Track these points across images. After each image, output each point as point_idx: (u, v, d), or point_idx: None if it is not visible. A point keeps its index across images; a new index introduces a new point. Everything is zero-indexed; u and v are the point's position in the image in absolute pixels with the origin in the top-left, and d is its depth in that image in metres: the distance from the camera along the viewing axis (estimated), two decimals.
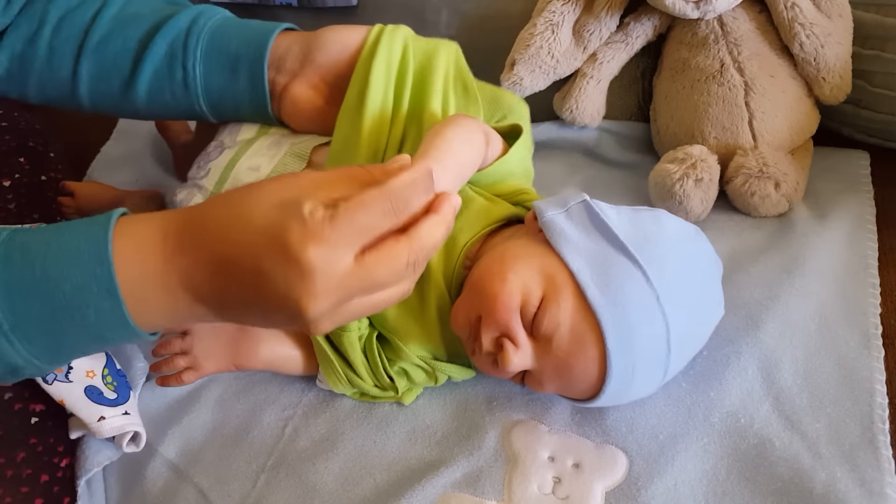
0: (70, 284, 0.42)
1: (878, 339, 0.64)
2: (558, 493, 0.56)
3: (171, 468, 0.61)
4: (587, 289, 0.54)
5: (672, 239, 0.58)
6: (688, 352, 0.59)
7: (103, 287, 0.42)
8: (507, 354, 0.55)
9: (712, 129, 0.79)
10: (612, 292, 0.54)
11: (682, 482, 0.56)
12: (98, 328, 0.43)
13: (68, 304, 0.42)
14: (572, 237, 0.57)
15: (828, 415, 0.59)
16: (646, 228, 0.58)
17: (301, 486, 0.58)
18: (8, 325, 0.41)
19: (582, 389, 0.57)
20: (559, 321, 0.54)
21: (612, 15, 0.83)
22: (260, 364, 0.64)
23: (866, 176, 0.81)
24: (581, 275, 0.54)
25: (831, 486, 0.54)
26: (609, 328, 0.53)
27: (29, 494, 0.55)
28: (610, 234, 0.56)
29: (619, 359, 0.53)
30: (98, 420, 0.57)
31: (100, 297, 0.42)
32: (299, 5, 0.94)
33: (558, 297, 0.54)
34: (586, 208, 0.58)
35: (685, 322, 0.55)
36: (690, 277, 0.58)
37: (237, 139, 0.72)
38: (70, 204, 0.82)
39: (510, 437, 0.59)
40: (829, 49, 0.77)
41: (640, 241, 0.56)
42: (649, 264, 0.54)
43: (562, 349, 0.55)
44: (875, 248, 0.72)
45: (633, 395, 0.58)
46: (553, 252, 0.56)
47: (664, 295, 0.54)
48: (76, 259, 0.42)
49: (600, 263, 0.55)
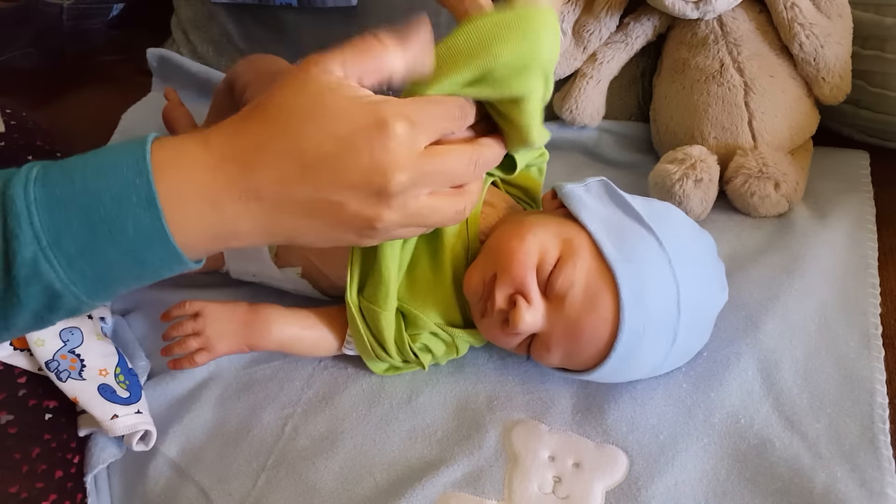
0: (109, 195, 0.40)
1: (878, 339, 0.64)
2: (558, 493, 0.56)
3: (173, 467, 0.61)
4: (603, 245, 0.56)
5: (682, 221, 0.62)
6: (694, 329, 0.59)
7: (142, 197, 0.40)
8: (519, 311, 0.55)
9: (712, 130, 0.79)
10: (627, 250, 0.56)
11: (682, 482, 0.56)
12: (137, 244, 0.41)
13: (107, 216, 0.40)
14: (590, 204, 0.59)
15: (828, 415, 0.59)
16: (658, 209, 0.61)
17: (301, 484, 0.58)
18: (47, 241, 0.39)
19: (589, 355, 0.57)
20: (574, 279, 0.55)
21: (612, 15, 0.83)
22: (272, 345, 0.64)
23: (866, 176, 0.81)
24: (598, 234, 0.56)
25: (831, 487, 0.54)
26: (623, 282, 0.54)
27: (44, 490, 0.56)
28: (626, 206, 0.59)
29: (631, 315, 0.54)
30: (111, 418, 0.58)
31: (139, 208, 0.40)
32: (299, 6, 0.94)
33: (575, 257, 0.56)
34: (604, 185, 0.62)
35: (695, 289, 0.57)
36: (699, 255, 0.60)
37: None
38: None
39: (510, 436, 0.59)
40: (829, 49, 0.77)
41: (654, 215, 0.59)
42: (662, 233, 0.57)
43: (575, 308, 0.55)
44: (875, 248, 0.72)
45: (637, 367, 0.58)
46: (571, 222, 0.59)
47: (675, 260, 0.56)
48: (115, 171, 0.40)
49: (616, 227, 0.57)
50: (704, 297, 0.59)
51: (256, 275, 0.72)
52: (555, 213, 0.61)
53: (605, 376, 0.58)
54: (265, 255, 0.69)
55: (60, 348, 0.61)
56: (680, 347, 0.58)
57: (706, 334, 0.61)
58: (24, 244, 0.39)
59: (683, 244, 0.58)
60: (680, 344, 0.57)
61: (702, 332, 0.61)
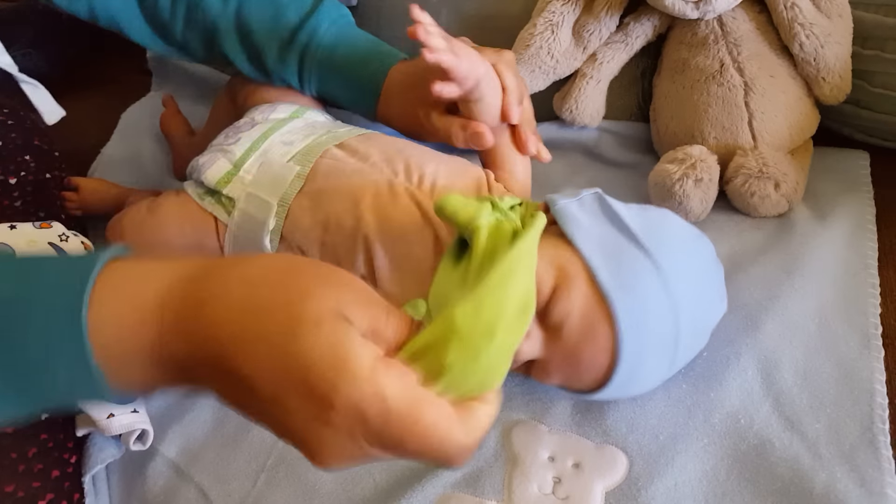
0: (38, 350, 0.35)
1: (878, 339, 0.64)
2: (558, 494, 0.56)
3: (172, 467, 0.61)
4: (598, 272, 0.54)
5: (678, 233, 0.60)
6: (693, 344, 0.59)
7: (77, 358, 0.35)
8: None
9: (712, 130, 0.79)
10: (623, 277, 0.54)
11: (682, 482, 0.56)
12: (68, 393, 0.37)
13: (35, 364, 0.35)
14: (584, 223, 0.57)
15: (828, 415, 0.59)
16: (653, 222, 0.59)
17: (301, 485, 0.58)
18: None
19: (589, 380, 0.57)
20: (570, 309, 0.54)
21: (612, 15, 0.83)
22: None
23: (866, 176, 0.81)
24: (593, 259, 0.55)
25: (831, 487, 0.54)
26: (621, 312, 0.53)
27: (40, 489, 0.56)
28: (621, 223, 0.57)
29: (629, 343, 0.54)
30: (107, 417, 0.58)
31: (72, 367, 0.35)
32: None
33: (570, 286, 0.54)
34: (598, 199, 0.60)
35: (692, 310, 0.56)
36: (696, 269, 0.58)
37: (270, 117, 0.75)
38: (74, 199, 0.82)
39: (510, 436, 0.59)
40: (829, 49, 0.77)
41: (649, 232, 0.57)
42: (658, 253, 0.55)
43: (572, 338, 0.55)
44: (875, 248, 0.72)
45: (638, 387, 0.58)
46: (564, 244, 0.57)
47: (673, 282, 0.55)
48: (49, 318, 0.35)
49: (611, 250, 0.56)
50: (703, 313, 0.59)
51: None
52: (548, 230, 0.59)
53: (606, 398, 0.58)
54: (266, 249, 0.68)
55: None
56: (679, 363, 0.58)
57: (704, 341, 0.61)
58: None
59: (680, 260, 0.57)
60: (679, 361, 0.58)
61: (700, 343, 0.60)
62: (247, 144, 0.70)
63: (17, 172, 0.76)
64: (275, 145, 0.70)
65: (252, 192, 0.68)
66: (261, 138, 0.71)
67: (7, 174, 0.75)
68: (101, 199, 0.83)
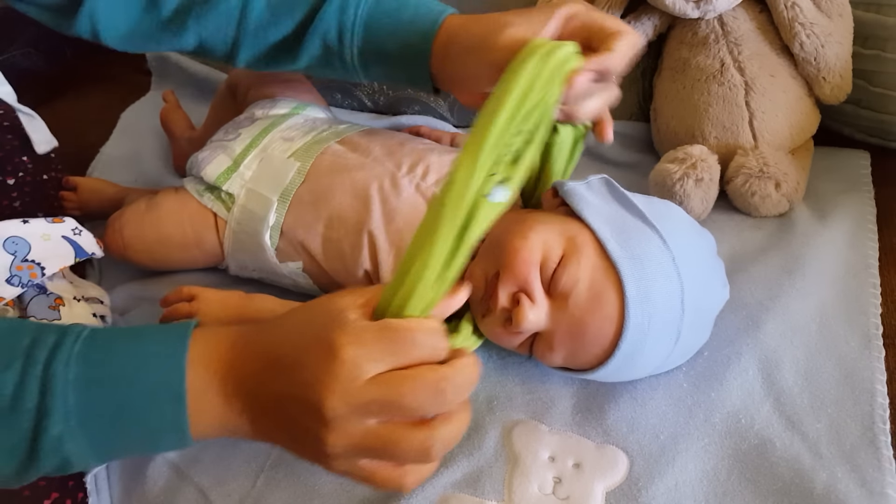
0: (142, 388, 0.42)
1: (878, 339, 0.64)
2: (559, 494, 0.56)
3: (172, 468, 0.61)
4: (607, 243, 0.55)
5: (684, 219, 0.62)
6: (696, 325, 0.59)
7: (171, 394, 0.43)
8: (522, 309, 0.55)
9: (712, 129, 0.79)
10: (631, 247, 0.55)
11: (682, 482, 0.56)
12: (155, 433, 0.44)
13: (135, 406, 0.42)
14: (592, 202, 0.59)
15: (828, 415, 0.59)
16: (660, 208, 0.60)
17: (300, 485, 0.58)
18: (75, 420, 0.41)
19: (593, 354, 0.57)
20: (578, 277, 0.55)
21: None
22: None
23: (867, 176, 0.81)
24: (601, 231, 0.56)
25: (832, 487, 0.54)
26: (629, 280, 0.54)
27: (46, 488, 0.56)
28: (629, 203, 0.59)
29: (635, 313, 0.54)
30: None
31: (166, 403, 0.43)
32: None
33: (579, 254, 0.55)
34: (606, 183, 0.61)
35: (697, 289, 0.56)
36: (701, 252, 0.60)
37: (270, 113, 0.74)
38: (72, 199, 0.82)
39: (511, 437, 0.59)
40: (830, 49, 0.77)
41: (657, 214, 0.58)
42: (665, 231, 0.56)
43: (579, 306, 0.55)
44: (876, 248, 0.72)
45: (641, 366, 0.58)
46: (573, 219, 0.58)
47: (679, 257, 0.55)
48: (153, 363, 0.43)
49: (619, 224, 0.57)
50: (707, 295, 0.59)
51: (257, 269, 0.72)
52: (556, 212, 0.61)
53: (607, 375, 0.58)
54: (267, 249, 0.68)
55: None
56: (683, 345, 0.58)
57: (707, 331, 0.61)
58: (55, 422, 0.41)
59: (686, 241, 0.58)
60: (683, 342, 0.57)
61: (703, 330, 0.61)
62: (247, 140, 0.70)
63: (15, 173, 0.76)
64: (275, 141, 0.70)
65: (252, 188, 0.68)
66: (261, 134, 0.71)
67: (5, 175, 0.75)
68: (99, 199, 0.83)
